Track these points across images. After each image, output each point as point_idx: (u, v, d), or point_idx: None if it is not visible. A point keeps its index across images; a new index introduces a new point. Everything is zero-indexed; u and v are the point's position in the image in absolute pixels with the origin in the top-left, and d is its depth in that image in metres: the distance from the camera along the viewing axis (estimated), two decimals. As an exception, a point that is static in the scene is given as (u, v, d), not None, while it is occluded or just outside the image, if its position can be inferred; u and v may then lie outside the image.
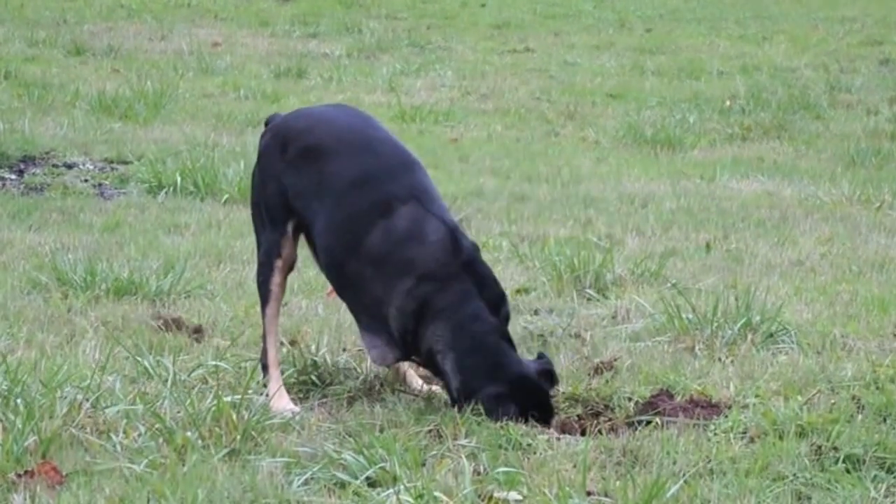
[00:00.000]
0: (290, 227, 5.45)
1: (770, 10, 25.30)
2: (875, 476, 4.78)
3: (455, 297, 5.18)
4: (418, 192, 5.28)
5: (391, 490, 4.48)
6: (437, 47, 18.77)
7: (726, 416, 5.25)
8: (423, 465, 4.72)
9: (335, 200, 5.29)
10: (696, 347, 6.12)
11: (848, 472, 4.81)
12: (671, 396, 5.47)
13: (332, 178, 5.31)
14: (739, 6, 26.15)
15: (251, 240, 6.07)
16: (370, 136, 5.41)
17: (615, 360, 5.88)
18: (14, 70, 14.54)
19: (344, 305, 5.64)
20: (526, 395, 5.18)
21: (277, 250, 5.45)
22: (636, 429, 5.21)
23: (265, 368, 5.45)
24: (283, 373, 5.65)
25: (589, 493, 4.53)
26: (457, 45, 19.13)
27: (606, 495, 4.57)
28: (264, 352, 5.48)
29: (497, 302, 5.28)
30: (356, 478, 4.60)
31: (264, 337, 5.48)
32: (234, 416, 4.95)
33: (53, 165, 10.50)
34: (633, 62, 17.68)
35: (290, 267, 5.53)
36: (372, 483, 4.59)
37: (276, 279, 5.46)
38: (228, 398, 5.05)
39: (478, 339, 5.19)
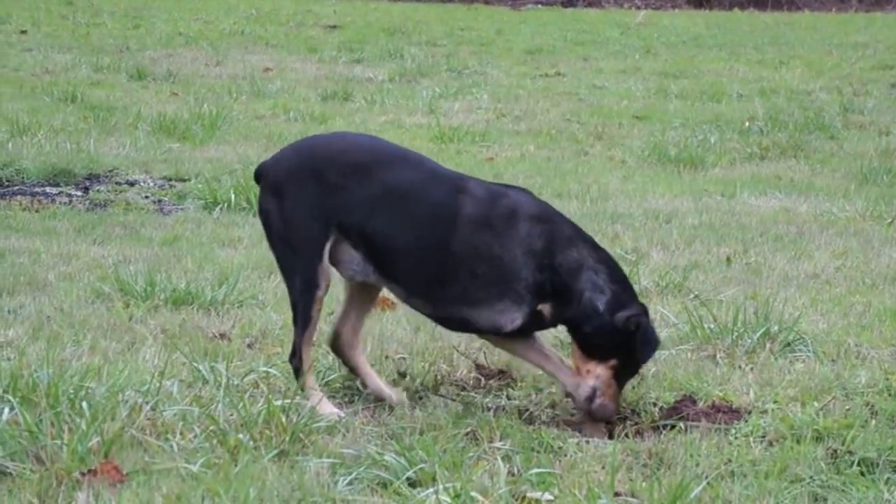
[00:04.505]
0: (326, 255, 5.29)
1: (786, 37, 25.21)
2: (888, 479, 4.73)
3: (571, 228, 5.29)
4: (462, 173, 5.47)
5: (430, 490, 4.46)
6: (474, 72, 18.77)
7: (746, 421, 5.21)
8: (461, 466, 4.69)
9: (412, 200, 5.24)
10: (718, 356, 6.08)
11: (862, 474, 4.76)
12: (694, 402, 5.43)
13: (398, 183, 5.25)
14: (758, 33, 26.07)
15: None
16: (397, 149, 5.47)
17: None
18: (80, 94, 14.63)
19: (392, 315, 5.57)
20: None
21: (317, 280, 5.28)
22: (661, 433, 5.17)
23: (303, 384, 5.31)
24: (329, 378, 5.65)
25: (617, 494, 4.50)
26: (492, 70, 19.13)
27: (633, 496, 4.53)
28: (301, 372, 5.31)
29: None
30: (398, 478, 4.58)
31: (302, 359, 5.32)
32: (284, 419, 4.95)
33: (116, 183, 10.54)
34: (657, 86, 17.63)
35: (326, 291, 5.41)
36: (412, 483, 4.57)
37: (316, 307, 5.33)
38: (278, 402, 5.04)
39: (612, 258, 5.33)
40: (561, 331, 6.26)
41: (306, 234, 5.28)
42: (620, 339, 5.18)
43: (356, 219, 5.25)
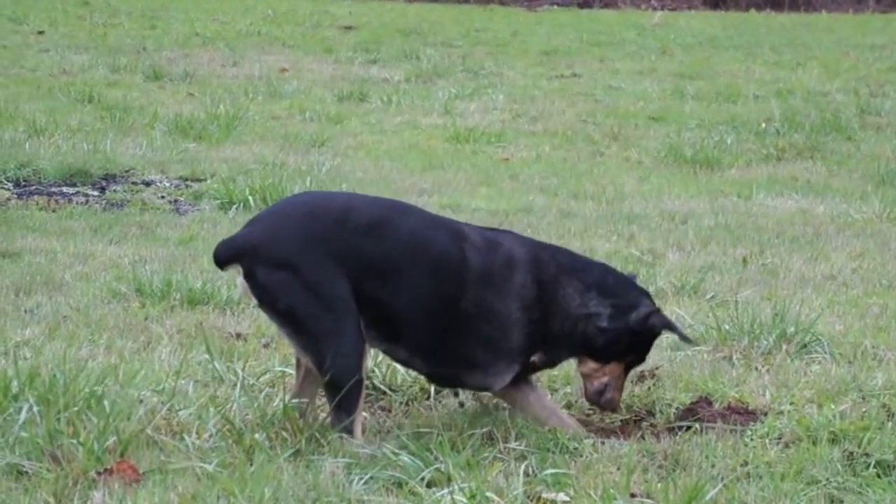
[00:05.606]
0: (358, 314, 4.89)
1: (803, 38, 25.16)
2: (905, 481, 4.72)
3: (559, 261, 5.14)
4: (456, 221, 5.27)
5: (446, 490, 4.45)
6: (490, 73, 18.77)
7: (762, 423, 5.20)
8: (477, 466, 4.68)
9: (420, 253, 4.95)
10: (734, 357, 6.06)
11: (878, 476, 4.75)
12: (710, 403, 5.42)
13: (409, 239, 4.96)
14: (774, 34, 26.03)
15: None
16: (388, 199, 5.26)
17: (657, 368, 5.83)
18: (97, 94, 14.67)
19: None
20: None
21: (362, 349, 4.87)
22: (677, 434, 5.16)
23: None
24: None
25: (632, 495, 4.49)
26: (508, 70, 19.12)
27: (649, 497, 4.52)
28: (355, 436, 4.92)
29: None
30: (413, 478, 4.57)
31: (355, 432, 4.90)
32: (299, 419, 4.95)
33: (133, 183, 10.56)
34: (673, 87, 17.61)
35: None
36: (428, 483, 4.57)
37: (366, 369, 4.94)
38: (294, 402, 5.04)
39: (603, 267, 5.24)
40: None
41: (339, 293, 4.86)
42: (638, 337, 5.14)
43: (369, 282, 4.89)
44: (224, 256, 4.96)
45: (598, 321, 5.09)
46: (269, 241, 4.90)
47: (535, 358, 5.13)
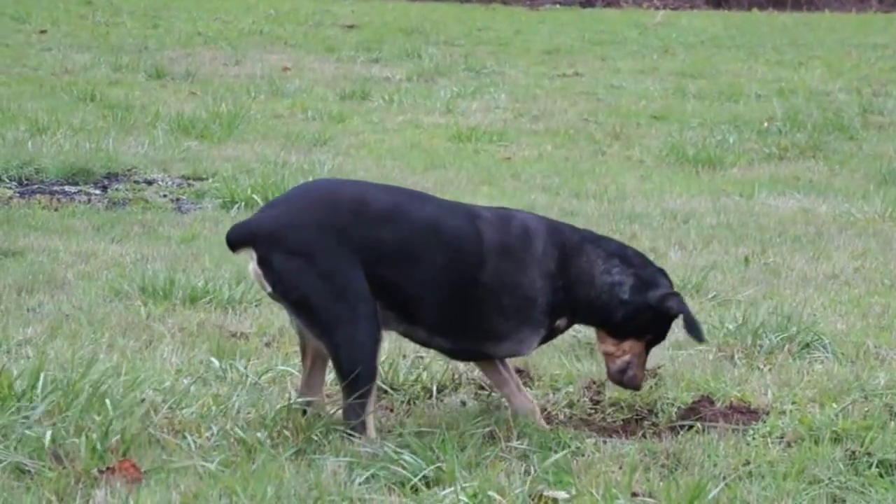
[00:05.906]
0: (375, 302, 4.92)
1: (805, 38, 25.15)
2: (907, 480, 4.72)
3: (578, 232, 5.23)
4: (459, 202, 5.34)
5: (448, 489, 4.46)
6: (492, 72, 18.76)
7: (764, 422, 5.20)
8: (479, 465, 4.69)
9: (436, 236, 4.99)
10: (736, 356, 6.07)
11: (881, 476, 4.75)
12: (712, 402, 5.42)
13: (422, 223, 5.01)
14: (776, 33, 26.02)
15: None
16: (398, 186, 5.33)
17: (659, 367, 5.83)
18: (99, 93, 14.66)
19: None
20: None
21: (379, 328, 4.92)
22: (679, 433, 5.17)
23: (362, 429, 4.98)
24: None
25: (634, 494, 4.49)
26: (510, 69, 19.12)
27: (651, 496, 4.53)
28: (366, 433, 4.94)
29: None
30: (415, 477, 4.57)
31: (366, 425, 4.93)
32: (301, 418, 4.95)
33: (135, 181, 10.56)
34: (675, 86, 17.60)
35: None
36: (429, 482, 4.57)
37: (379, 358, 4.96)
38: (300, 400, 5.04)
39: (619, 241, 5.29)
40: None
41: (356, 290, 4.89)
42: (656, 315, 5.14)
43: (386, 266, 4.93)
44: (237, 239, 4.97)
45: (621, 292, 5.11)
46: (285, 228, 4.90)
47: (559, 322, 5.16)
